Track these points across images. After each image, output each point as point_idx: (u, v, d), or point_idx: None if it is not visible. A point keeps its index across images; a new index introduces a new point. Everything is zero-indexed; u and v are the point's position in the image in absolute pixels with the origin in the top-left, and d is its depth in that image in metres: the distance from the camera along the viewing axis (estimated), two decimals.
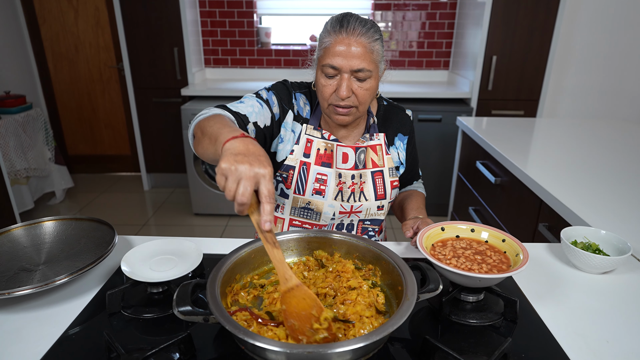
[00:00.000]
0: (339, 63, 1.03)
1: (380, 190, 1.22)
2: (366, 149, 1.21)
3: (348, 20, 1.04)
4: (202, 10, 3.60)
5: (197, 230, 3.20)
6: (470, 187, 2.29)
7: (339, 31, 1.03)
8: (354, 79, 1.05)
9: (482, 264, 0.90)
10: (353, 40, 1.02)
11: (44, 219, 1.11)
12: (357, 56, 1.02)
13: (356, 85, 1.06)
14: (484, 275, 0.83)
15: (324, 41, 1.06)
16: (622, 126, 2.33)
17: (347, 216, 1.22)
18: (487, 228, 1.00)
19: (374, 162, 1.22)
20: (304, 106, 1.20)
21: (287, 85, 1.20)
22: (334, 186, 1.18)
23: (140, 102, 3.52)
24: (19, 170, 3.08)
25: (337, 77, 1.06)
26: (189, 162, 3.24)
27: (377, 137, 1.23)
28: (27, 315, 0.86)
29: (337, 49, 1.03)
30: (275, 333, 0.72)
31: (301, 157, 1.18)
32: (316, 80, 1.11)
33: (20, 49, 3.63)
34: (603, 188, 1.46)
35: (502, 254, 0.95)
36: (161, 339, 0.77)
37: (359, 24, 1.03)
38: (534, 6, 2.93)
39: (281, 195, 1.21)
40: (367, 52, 1.03)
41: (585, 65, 3.49)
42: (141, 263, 0.95)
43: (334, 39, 1.03)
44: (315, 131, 1.19)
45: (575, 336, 0.82)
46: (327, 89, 1.07)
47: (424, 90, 3.22)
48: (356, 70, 1.03)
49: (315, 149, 1.18)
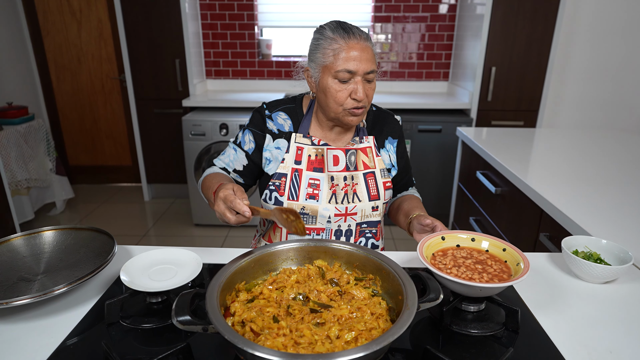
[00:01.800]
0: (355, 67, 1.09)
1: (374, 191, 1.24)
2: (356, 151, 1.25)
3: (350, 27, 1.11)
4: (204, 23, 3.64)
5: (197, 241, 3.19)
6: (471, 197, 2.29)
7: (348, 37, 1.09)
8: (364, 81, 1.12)
9: (483, 273, 0.90)
10: (363, 44, 1.09)
11: (44, 228, 1.11)
12: (368, 59, 1.10)
13: (367, 87, 1.12)
14: (485, 285, 0.82)
15: (331, 48, 1.09)
16: (621, 136, 2.34)
17: (344, 220, 1.23)
18: (488, 237, 1.00)
19: (365, 163, 1.25)
20: (285, 121, 1.26)
21: (260, 113, 1.27)
22: (327, 190, 1.21)
23: (142, 113, 3.54)
24: (20, 180, 3.09)
25: (350, 81, 1.11)
26: (189, 173, 3.25)
27: (366, 139, 1.27)
28: (25, 325, 0.85)
29: (350, 54, 1.08)
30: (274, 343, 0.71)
31: (292, 165, 1.22)
32: (325, 87, 1.13)
33: (24, 61, 3.66)
34: (603, 197, 1.45)
35: (503, 263, 0.94)
36: (160, 349, 0.76)
37: (359, 30, 1.12)
38: (532, 17, 2.96)
39: (275, 203, 1.22)
40: (373, 54, 1.12)
41: (583, 75, 3.51)
42: (140, 273, 0.95)
43: (345, 44, 1.08)
44: (304, 139, 1.23)
45: (578, 346, 0.81)
46: (342, 93, 1.12)
47: (424, 101, 3.24)
48: (368, 72, 1.10)
49: (306, 155, 1.22)
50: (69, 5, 3.64)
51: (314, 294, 0.86)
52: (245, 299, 0.85)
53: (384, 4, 3.57)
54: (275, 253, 0.94)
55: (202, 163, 3.22)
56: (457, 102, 3.26)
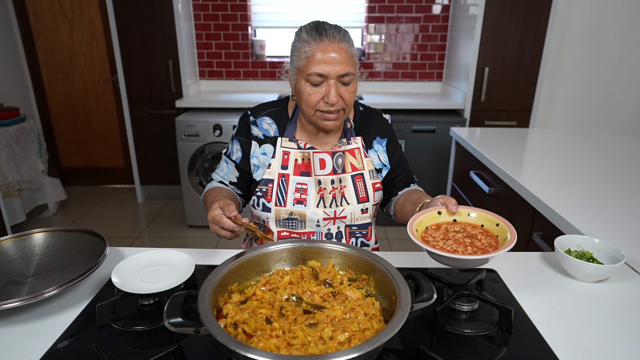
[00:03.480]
0: (326, 70, 1.06)
1: (362, 193, 1.23)
2: (344, 153, 1.23)
3: (325, 29, 1.07)
4: (197, 23, 3.63)
5: (191, 242, 3.17)
6: (465, 197, 2.29)
7: (320, 39, 1.06)
8: (339, 83, 1.09)
9: (469, 246, 0.89)
10: (335, 46, 1.06)
11: (34, 230, 1.09)
12: (341, 62, 1.06)
13: (342, 90, 1.09)
14: (463, 257, 0.82)
15: (304, 51, 1.08)
16: (613, 136, 2.35)
17: (333, 223, 1.22)
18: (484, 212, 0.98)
19: (353, 165, 1.23)
20: (270, 126, 1.25)
21: (245, 120, 1.27)
22: (314, 194, 1.20)
23: (135, 114, 3.51)
24: (11, 182, 3.06)
25: (323, 84, 1.08)
26: (183, 174, 3.23)
27: (354, 141, 1.25)
28: (14, 328, 0.84)
29: (321, 56, 1.06)
30: (267, 344, 0.71)
31: (279, 170, 1.21)
32: (299, 90, 1.12)
33: (15, 62, 3.63)
34: (596, 197, 1.46)
35: (494, 238, 0.93)
36: (152, 352, 0.75)
37: (336, 31, 1.08)
38: (525, 18, 2.98)
39: (263, 210, 1.21)
40: (349, 56, 1.08)
41: (576, 75, 3.54)
42: (132, 274, 0.94)
43: (317, 47, 1.06)
44: (290, 142, 1.22)
45: (571, 345, 0.81)
46: (314, 97, 1.10)
47: (417, 102, 3.25)
48: (342, 75, 1.07)
49: (292, 159, 1.21)
50: (60, 6, 3.62)
51: (307, 294, 0.86)
52: (238, 300, 0.84)
53: (378, 5, 3.57)
54: (268, 254, 0.94)
55: (195, 164, 3.21)
56: (451, 102, 3.27)
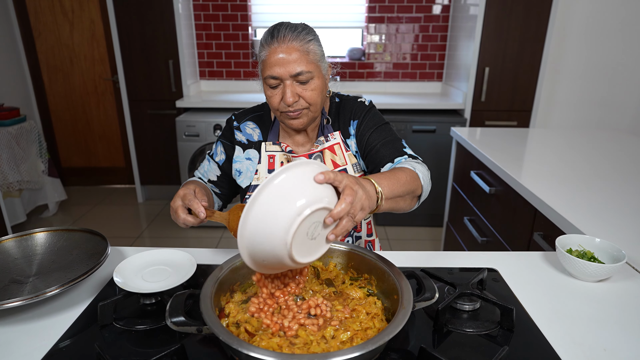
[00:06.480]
0: (278, 72, 1.06)
1: None
2: (321, 153, 1.21)
3: (278, 30, 1.07)
4: (197, 23, 3.63)
5: (191, 242, 3.17)
6: (465, 197, 2.30)
7: (271, 42, 1.07)
8: (296, 83, 1.08)
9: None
10: (285, 47, 1.06)
11: (36, 230, 1.10)
12: (293, 61, 1.06)
13: (300, 89, 1.09)
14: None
15: (260, 55, 1.10)
16: (613, 135, 2.35)
17: None
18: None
19: (334, 162, 1.21)
20: (253, 131, 1.26)
21: (230, 124, 1.28)
22: None
23: (135, 114, 3.51)
24: (12, 182, 3.06)
25: (280, 85, 1.09)
26: (183, 174, 3.23)
27: (332, 137, 1.22)
28: (17, 328, 0.84)
29: (273, 58, 1.06)
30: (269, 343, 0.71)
31: (266, 174, 1.21)
32: (265, 94, 1.13)
33: (15, 62, 3.63)
34: (597, 196, 1.46)
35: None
36: (154, 351, 0.75)
37: (289, 31, 1.07)
38: (525, 18, 2.98)
39: None
40: (302, 54, 1.07)
41: (576, 75, 3.54)
42: (134, 274, 0.94)
43: (268, 50, 1.07)
44: (274, 146, 1.23)
45: (573, 344, 0.81)
46: (273, 99, 1.11)
47: (418, 102, 3.25)
48: (295, 74, 1.06)
49: (278, 162, 1.21)
50: (60, 6, 3.62)
51: (309, 294, 0.86)
52: (240, 299, 0.84)
53: (378, 5, 3.58)
54: None
55: (196, 164, 3.21)
56: (451, 102, 3.27)
